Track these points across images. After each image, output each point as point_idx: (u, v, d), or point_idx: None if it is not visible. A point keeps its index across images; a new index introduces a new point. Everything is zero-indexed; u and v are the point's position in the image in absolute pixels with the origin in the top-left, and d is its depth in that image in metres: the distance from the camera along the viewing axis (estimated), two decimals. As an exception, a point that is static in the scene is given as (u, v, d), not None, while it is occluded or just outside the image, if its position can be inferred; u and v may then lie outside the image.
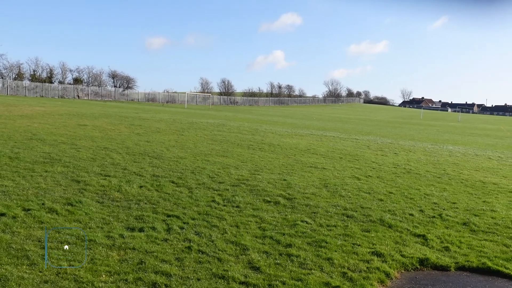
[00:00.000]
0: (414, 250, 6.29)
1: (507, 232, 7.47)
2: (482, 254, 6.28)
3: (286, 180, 10.67)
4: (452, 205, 9.21)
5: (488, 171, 14.65)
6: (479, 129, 48.10)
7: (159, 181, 9.56)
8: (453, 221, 7.97)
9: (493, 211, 8.89)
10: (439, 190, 10.81)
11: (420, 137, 29.39)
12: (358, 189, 10.17)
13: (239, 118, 37.73)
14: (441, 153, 19.44)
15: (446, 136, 33.29)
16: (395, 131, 35.22)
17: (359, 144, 21.22)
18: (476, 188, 11.36)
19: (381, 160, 15.61)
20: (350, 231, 6.97)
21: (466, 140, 29.58)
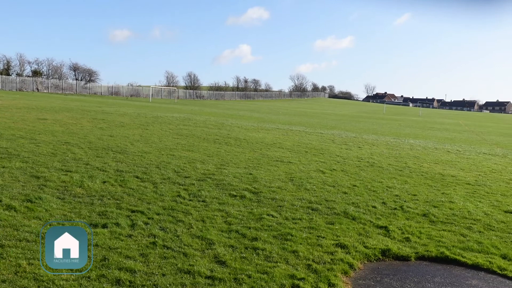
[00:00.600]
0: (376, 241, 6.46)
1: (464, 222, 7.78)
2: (441, 244, 6.51)
3: (252, 174, 10.70)
4: (413, 197, 9.49)
5: (447, 164, 15.18)
6: (438, 124, 49.71)
7: (123, 176, 9.38)
8: (414, 212, 8.22)
9: (451, 202, 9.22)
10: (401, 182, 11.12)
11: (383, 131, 30.10)
12: (323, 183, 10.32)
13: (205, 112, 37.48)
14: (403, 147, 19.99)
15: (408, 130, 34.24)
16: (359, 125, 35.92)
17: (324, 138, 21.52)
18: (436, 181, 11.75)
19: (346, 154, 15.89)
20: (315, 223, 7.07)
21: (426, 134, 30.51)
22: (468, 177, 12.71)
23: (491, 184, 11.78)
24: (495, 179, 12.68)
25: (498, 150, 21.85)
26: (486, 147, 23.59)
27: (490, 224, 7.72)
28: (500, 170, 14.60)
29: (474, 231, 7.27)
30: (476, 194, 10.33)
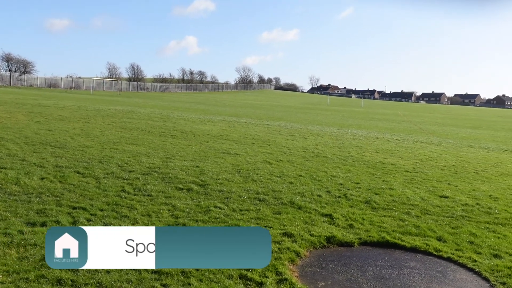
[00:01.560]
0: (321, 229, 6.62)
1: (403, 208, 8.16)
2: (382, 229, 6.79)
3: (199, 166, 10.61)
4: (356, 185, 9.82)
5: (387, 153, 15.83)
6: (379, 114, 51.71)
7: (63, 172, 8.98)
8: (357, 200, 8.51)
9: (391, 189, 9.64)
10: (344, 171, 11.47)
11: (327, 122, 30.85)
12: (269, 173, 10.43)
13: (149, 105, 36.64)
14: (346, 137, 20.61)
15: (351, 121, 35.33)
16: (305, 116, 36.60)
17: (270, 129, 21.73)
18: (377, 169, 12.22)
19: (291, 145, 16.15)
20: (262, 214, 7.14)
21: (368, 125, 31.64)
22: (406, 165, 13.33)
23: (427, 171, 12.43)
24: (431, 166, 13.39)
25: (434, 139, 23.08)
26: (423, 136, 24.84)
27: (427, 209, 8.15)
28: (436, 157, 15.44)
29: (412, 216, 7.64)
30: (414, 180, 10.85)
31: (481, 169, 13.43)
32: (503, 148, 20.32)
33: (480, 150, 18.98)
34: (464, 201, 8.86)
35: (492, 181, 11.49)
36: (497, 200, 9.19)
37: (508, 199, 9.35)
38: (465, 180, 11.30)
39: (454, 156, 16.20)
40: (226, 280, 4.70)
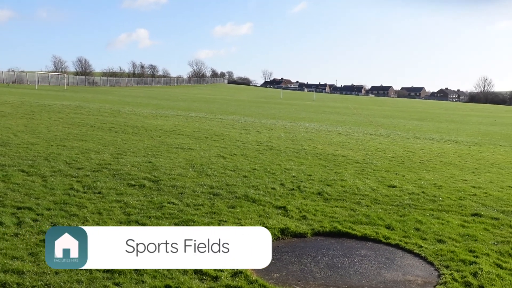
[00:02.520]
0: (276, 221, 6.70)
1: (354, 198, 8.40)
2: (334, 220, 6.96)
3: (152, 162, 10.43)
4: (309, 177, 10.00)
5: (338, 145, 16.23)
6: (330, 107, 52.84)
7: (6, 170, 8.54)
8: (310, 191, 8.67)
9: (343, 180, 9.89)
10: (297, 164, 11.65)
11: (280, 116, 31.17)
12: (224, 168, 10.41)
13: (99, 100, 35.51)
14: (299, 130, 20.92)
15: (303, 114, 35.88)
16: (258, 110, 36.79)
17: (224, 123, 21.68)
18: (329, 161, 12.50)
19: (245, 139, 16.20)
20: (216, 208, 7.12)
21: (320, 118, 32.27)
22: (357, 156, 13.72)
23: (377, 162, 12.86)
24: (380, 157, 13.86)
25: (382, 131, 23.89)
26: (372, 128, 25.65)
27: (376, 198, 8.44)
28: (384, 149, 16.00)
29: (363, 206, 7.89)
30: (364, 171, 11.20)
31: (426, 159, 14.05)
32: (446, 139, 21.36)
33: (425, 141, 19.86)
34: (410, 190, 9.24)
35: (436, 170, 12.06)
36: (441, 188, 9.66)
37: (451, 187, 9.85)
38: (411, 170, 11.79)
39: (401, 147, 16.85)
40: (180, 275, 4.66)
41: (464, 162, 13.94)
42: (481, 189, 9.71)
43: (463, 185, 10.07)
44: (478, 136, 24.20)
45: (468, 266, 5.32)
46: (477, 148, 18.23)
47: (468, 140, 21.58)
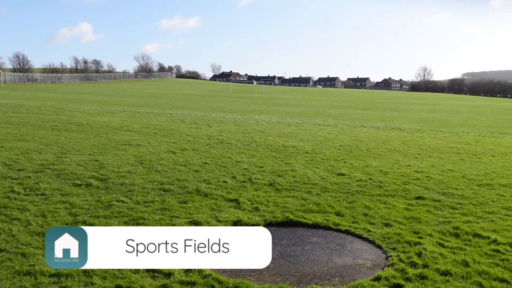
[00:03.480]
0: (228, 214, 6.69)
1: (304, 187, 8.54)
2: (286, 209, 7.05)
3: (98, 160, 10.09)
4: (260, 169, 10.06)
5: (289, 136, 16.43)
6: (280, 99, 53.35)
7: None
8: (261, 183, 8.72)
9: (293, 170, 10.03)
10: (249, 156, 11.68)
11: (230, 109, 31.11)
12: (174, 163, 10.26)
13: (39, 97, 33.86)
14: (249, 123, 20.98)
15: (253, 106, 36.01)
16: (208, 104, 36.51)
17: (173, 118, 21.35)
18: (279, 152, 12.64)
19: (196, 133, 16.03)
20: (167, 204, 7.01)
21: (269, 110, 32.51)
22: (306, 146, 13.96)
23: (326, 151, 13.14)
24: (328, 146, 14.18)
25: (330, 121, 24.45)
26: (320, 118, 26.19)
27: (326, 187, 8.63)
28: (332, 138, 16.38)
29: (313, 194, 8.04)
30: (313, 161, 11.41)
31: (373, 146, 14.54)
32: (390, 127, 22.19)
33: (371, 129, 20.53)
34: (358, 177, 9.52)
35: (382, 157, 12.50)
36: (387, 174, 10.03)
37: (395, 172, 10.25)
38: (359, 158, 12.15)
39: (349, 136, 17.32)
40: (132, 275, 4.55)
41: (408, 148, 14.55)
42: (423, 173, 10.18)
43: (407, 170, 10.51)
44: (420, 123, 25.32)
45: (413, 247, 5.57)
46: (419, 134, 19.07)
47: (410, 127, 22.53)
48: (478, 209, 7.39)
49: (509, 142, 17.33)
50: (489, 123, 27.32)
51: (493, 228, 6.42)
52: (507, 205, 7.68)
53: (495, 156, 13.38)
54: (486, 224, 6.62)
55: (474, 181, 9.58)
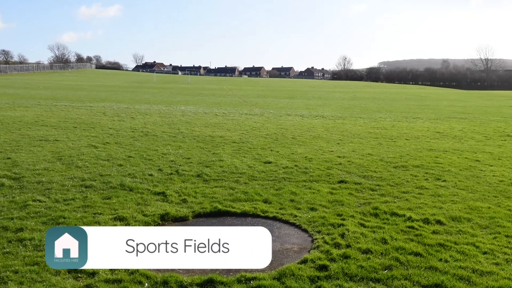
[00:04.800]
0: (155, 208, 6.54)
1: (232, 177, 8.57)
2: (214, 200, 7.03)
3: (11, 158, 9.38)
4: (187, 161, 9.94)
5: (216, 126, 16.38)
6: (206, 90, 52.97)
7: None
8: (189, 174, 8.62)
9: (221, 160, 10.03)
10: (175, 148, 11.48)
11: (155, 100, 30.34)
12: (96, 158, 9.81)
13: None
14: (175, 114, 20.61)
15: (179, 97, 35.41)
16: (131, 95, 35.30)
17: (94, 111, 20.39)
18: (207, 143, 12.56)
19: (119, 126, 15.45)
20: (90, 201, 6.69)
21: (196, 100, 32.16)
22: (233, 136, 14.01)
23: (253, 140, 13.28)
24: (255, 135, 14.34)
25: (257, 110, 24.73)
26: (247, 108, 26.39)
27: (253, 175, 8.73)
28: (259, 127, 16.59)
29: (241, 183, 8.10)
30: (241, 150, 11.49)
31: (298, 134, 14.94)
32: (314, 115, 22.93)
33: (296, 117, 21.07)
34: (285, 164, 9.74)
35: (307, 144, 12.89)
36: (311, 160, 10.36)
37: (319, 158, 10.62)
38: (285, 146, 12.43)
39: (275, 124, 17.64)
40: (52, 277, 4.30)
41: (330, 134, 15.13)
42: (345, 158, 10.65)
43: (330, 156, 10.94)
44: (341, 110, 26.43)
45: (337, 228, 5.82)
46: (341, 121, 19.91)
47: (333, 114, 23.44)
48: (395, 190, 7.88)
49: (421, 126, 18.65)
50: (403, 109, 29.19)
51: (408, 206, 6.89)
52: (420, 184, 8.28)
53: (409, 140, 14.34)
54: (402, 203, 7.09)
55: (391, 163, 10.20)
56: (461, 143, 13.96)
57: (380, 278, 4.47)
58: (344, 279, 4.40)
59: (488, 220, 6.34)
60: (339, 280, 4.38)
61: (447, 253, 5.09)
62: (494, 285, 4.35)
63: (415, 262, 4.85)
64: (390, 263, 4.79)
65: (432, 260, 4.90)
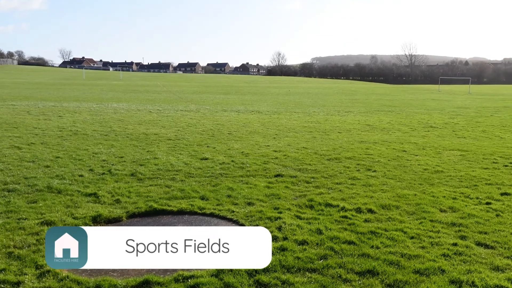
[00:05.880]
0: (86, 210, 6.24)
1: (168, 175, 8.39)
2: (149, 199, 6.84)
3: None
4: (120, 159, 9.60)
5: (150, 124, 15.98)
6: (139, 86, 51.48)
7: None
8: (122, 174, 8.33)
9: (156, 158, 9.79)
10: (107, 147, 11.05)
11: (85, 98, 29.02)
12: (20, 159, 9.20)
13: None
14: (107, 112, 19.84)
15: (111, 94, 34.13)
16: (58, 93, 33.48)
17: (17, 110, 19.12)
18: (141, 140, 12.21)
19: (45, 125, 14.60)
20: (13, 206, 6.26)
21: (129, 97, 31.17)
22: (169, 133, 13.74)
23: (189, 137, 13.10)
24: (191, 132, 14.16)
25: (192, 106, 24.44)
26: (182, 104, 26.00)
27: (190, 172, 8.61)
28: (195, 124, 16.40)
29: (177, 181, 7.95)
30: (177, 147, 11.28)
31: (234, 130, 14.95)
32: (250, 110, 23.07)
33: (232, 113, 21.08)
34: (221, 160, 9.70)
35: (243, 139, 12.94)
36: (248, 155, 10.41)
37: (256, 153, 10.69)
38: (221, 141, 12.38)
39: (211, 120, 17.53)
40: (-30, 290, 3.96)
41: (266, 129, 15.30)
42: (281, 152, 10.81)
43: (267, 150, 11.05)
44: (276, 105, 26.82)
45: (274, 222, 5.88)
46: (276, 116, 20.19)
47: (268, 109, 23.72)
48: (329, 181, 8.12)
49: (352, 119, 19.39)
50: (335, 103, 30.20)
51: (341, 197, 7.12)
52: (352, 175, 8.59)
53: (341, 133, 14.86)
54: (335, 194, 7.31)
55: (325, 156, 10.50)
56: (389, 134, 14.69)
57: (316, 268, 4.57)
58: (281, 271, 4.46)
59: (414, 206, 6.71)
60: (277, 273, 4.42)
61: (378, 240, 5.32)
62: (421, 267, 4.60)
63: (349, 250, 5.02)
64: (326, 253, 4.93)
65: (365, 247, 5.10)
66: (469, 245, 5.22)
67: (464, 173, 8.90)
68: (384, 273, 4.48)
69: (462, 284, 4.28)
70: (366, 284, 4.29)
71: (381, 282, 4.32)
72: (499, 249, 5.14)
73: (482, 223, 6.00)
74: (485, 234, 5.58)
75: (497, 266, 4.68)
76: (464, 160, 10.37)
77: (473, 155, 10.98)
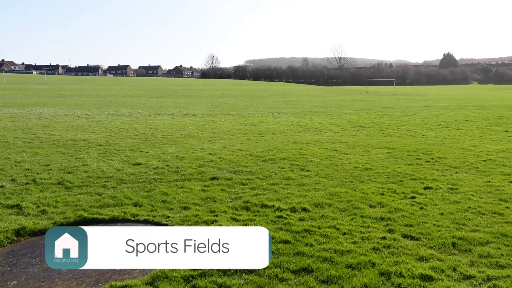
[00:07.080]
0: (8, 223, 5.83)
1: (99, 182, 8.06)
2: (79, 208, 6.52)
3: None
4: (46, 168, 9.07)
5: (78, 129, 15.26)
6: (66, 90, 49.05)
7: None
8: (48, 183, 7.87)
9: (85, 165, 9.36)
10: (31, 155, 10.41)
11: (5, 103, 27.15)
12: None
13: None
14: (30, 117, 18.70)
15: (34, 99, 32.21)
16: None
17: None
18: (68, 147, 11.62)
19: (-41, 133, 13.45)
20: None
21: (55, 102, 29.59)
22: (99, 138, 13.20)
23: (120, 142, 12.67)
24: (123, 137, 13.71)
25: (124, 110, 23.68)
26: (113, 108, 25.12)
27: (122, 178, 8.32)
28: (127, 128, 15.90)
29: (109, 188, 7.66)
30: (108, 153, 10.87)
31: (168, 133, 14.68)
32: (184, 113, 22.78)
33: (166, 116, 20.70)
34: (155, 165, 9.48)
35: (178, 143, 12.74)
36: (183, 159, 10.26)
37: (191, 156, 10.57)
38: (155, 146, 12.11)
39: (143, 124, 17.09)
40: None
41: (201, 132, 15.18)
42: (216, 155, 10.77)
43: (202, 154, 10.96)
44: (211, 108, 26.72)
45: (210, 225, 5.84)
46: (211, 119, 20.11)
47: (203, 112, 23.57)
48: (264, 182, 8.21)
49: (286, 120, 19.78)
50: (269, 105, 30.65)
51: (277, 197, 7.23)
52: (286, 176, 8.75)
53: (276, 134, 15.10)
54: (271, 194, 7.41)
55: (260, 157, 10.61)
56: (321, 135, 15.15)
57: (252, 269, 4.59)
58: (218, 275, 4.43)
59: (346, 203, 6.96)
60: (213, 277, 4.39)
61: (312, 238, 5.46)
62: (353, 262, 4.78)
63: (285, 249, 5.10)
64: (262, 253, 4.96)
65: (300, 245, 5.21)
66: (397, 238, 5.50)
67: (391, 170, 9.39)
68: (318, 270, 4.60)
69: (391, 275, 4.50)
70: (302, 281, 4.38)
71: (315, 279, 4.44)
72: (423, 240, 5.47)
73: (408, 216, 6.36)
74: (411, 227, 5.92)
75: (422, 256, 4.97)
76: (391, 157, 10.94)
77: (399, 152, 11.61)
